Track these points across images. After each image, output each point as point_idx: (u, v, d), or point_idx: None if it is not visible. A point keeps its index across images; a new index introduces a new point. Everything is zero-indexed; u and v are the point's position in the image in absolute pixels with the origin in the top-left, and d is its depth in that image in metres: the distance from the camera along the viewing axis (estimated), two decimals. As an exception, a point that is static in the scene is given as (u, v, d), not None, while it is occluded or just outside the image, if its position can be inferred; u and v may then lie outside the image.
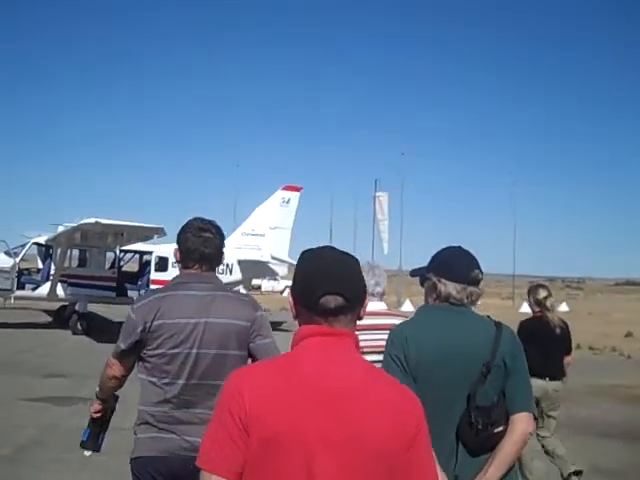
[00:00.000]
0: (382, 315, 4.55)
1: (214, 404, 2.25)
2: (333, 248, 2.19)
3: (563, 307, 47.02)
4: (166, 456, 3.44)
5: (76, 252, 22.66)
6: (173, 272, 23.66)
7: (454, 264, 3.24)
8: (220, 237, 3.73)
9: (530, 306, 7.39)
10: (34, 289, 21.95)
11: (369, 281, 4.61)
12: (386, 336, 3.61)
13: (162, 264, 23.54)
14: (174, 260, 3.89)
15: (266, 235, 25.69)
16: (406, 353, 3.05)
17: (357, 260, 2.16)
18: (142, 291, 22.88)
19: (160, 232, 19.18)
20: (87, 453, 4.16)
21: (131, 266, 24.46)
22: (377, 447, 1.94)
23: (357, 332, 2.76)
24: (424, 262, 3.43)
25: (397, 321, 3.97)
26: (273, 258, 25.10)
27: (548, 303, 7.08)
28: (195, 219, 3.74)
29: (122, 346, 3.54)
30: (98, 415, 3.93)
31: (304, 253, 2.19)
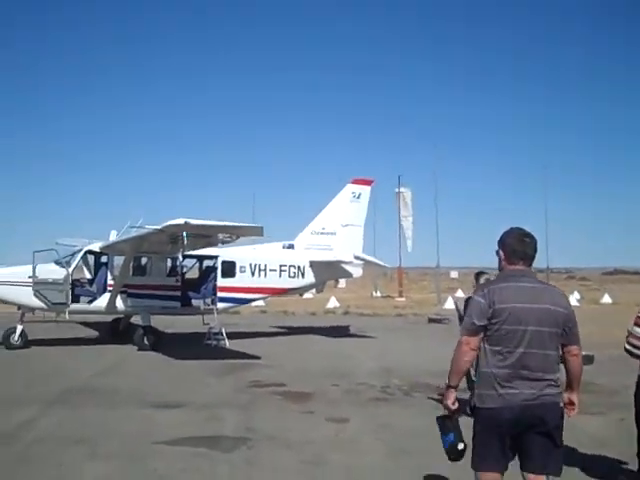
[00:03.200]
0: None
1: (543, 367, 4.63)
2: None
3: (606, 299, 44.26)
4: (509, 407, 4.57)
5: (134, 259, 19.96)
6: (242, 278, 21.33)
7: None
8: (535, 241, 4.91)
9: (475, 287, 9.04)
10: (90, 302, 19.31)
11: None
12: None
13: (229, 269, 20.97)
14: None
15: (337, 233, 23.07)
16: None
17: None
18: (208, 299, 20.36)
19: (260, 232, 16.61)
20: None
21: (193, 273, 21.84)
22: None
23: None
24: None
25: None
26: (356, 258, 22.57)
27: None
28: (515, 228, 4.97)
29: (477, 322, 4.66)
30: (456, 407, 4.76)
31: None
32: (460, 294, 50.56)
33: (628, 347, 6.27)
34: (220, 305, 20.46)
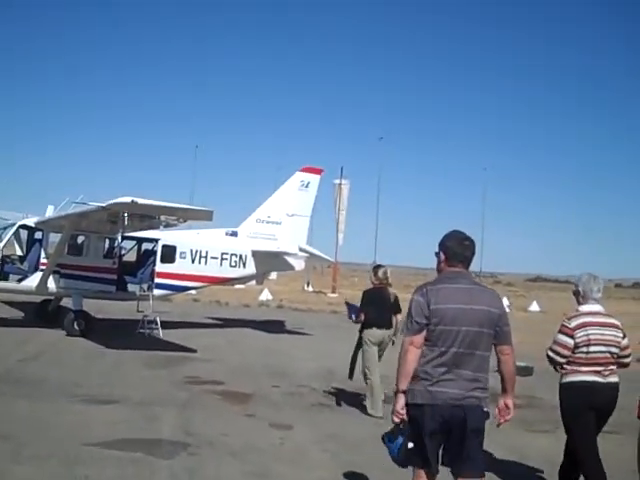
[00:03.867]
0: (604, 315, 6.35)
1: (474, 367, 4.78)
2: None
3: (534, 307, 44.64)
4: (439, 404, 4.72)
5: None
6: (181, 264, 20.54)
7: None
8: (474, 244, 5.10)
9: (372, 280, 10.69)
10: (20, 280, 18.31)
11: (593, 287, 6.37)
12: (610, 331, 6.27)
13: (169, 254, 20.15)
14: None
15: (283, 223, 22.51)
16: None
17: None
18: (145, 285, 19.54)
19: (210, 216, 15.88)
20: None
21: (130, 255, 20.95)
22: None
23: (589, 327, 6.21)
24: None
25: (615, 320, 6.38)
26: (301, 250, 22.05)
27: (388, 279, 10.64)
28: (455, 231, 5.14)
29: (418, 320, 4.81)
30: (405, 412, 4.81)
31: None
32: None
33: (551, 354, 6.31)
34: (156, 292, 19.67)
